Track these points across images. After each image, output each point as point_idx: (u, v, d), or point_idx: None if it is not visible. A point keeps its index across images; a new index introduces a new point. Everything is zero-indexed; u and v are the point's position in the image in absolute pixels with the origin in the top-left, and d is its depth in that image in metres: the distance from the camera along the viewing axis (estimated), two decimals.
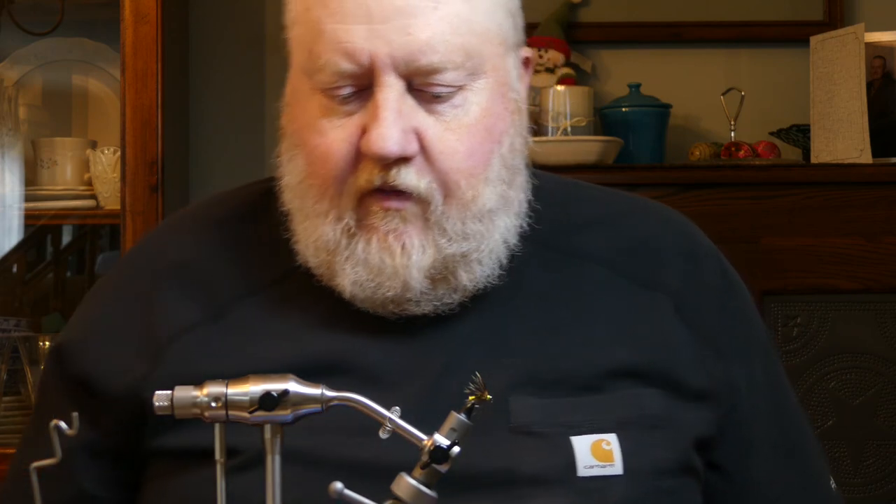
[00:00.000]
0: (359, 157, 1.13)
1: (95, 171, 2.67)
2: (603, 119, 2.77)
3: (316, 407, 0.96)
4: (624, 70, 2.92)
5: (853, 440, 2.47)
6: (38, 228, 2.80)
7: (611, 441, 1.14)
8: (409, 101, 1.12)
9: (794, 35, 2.89)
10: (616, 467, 1.14)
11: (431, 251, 1.14)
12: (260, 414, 0.94)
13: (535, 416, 1.13)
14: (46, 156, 2.73)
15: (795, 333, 2.48)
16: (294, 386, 0.96)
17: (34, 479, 0.94)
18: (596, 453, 1.14)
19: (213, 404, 0.95)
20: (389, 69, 1.11)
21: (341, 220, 1.15)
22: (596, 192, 1.32)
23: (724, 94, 2.78)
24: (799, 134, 2.73)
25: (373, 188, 1.13)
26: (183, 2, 2.85)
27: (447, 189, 1.14)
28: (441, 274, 1.15)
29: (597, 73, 2.94)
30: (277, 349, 1.17)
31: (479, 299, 1.18)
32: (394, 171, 1.12)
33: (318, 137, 1.14)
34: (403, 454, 1.02)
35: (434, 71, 1.11)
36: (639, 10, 2.94)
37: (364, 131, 1.12)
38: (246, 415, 0.95)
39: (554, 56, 2.85)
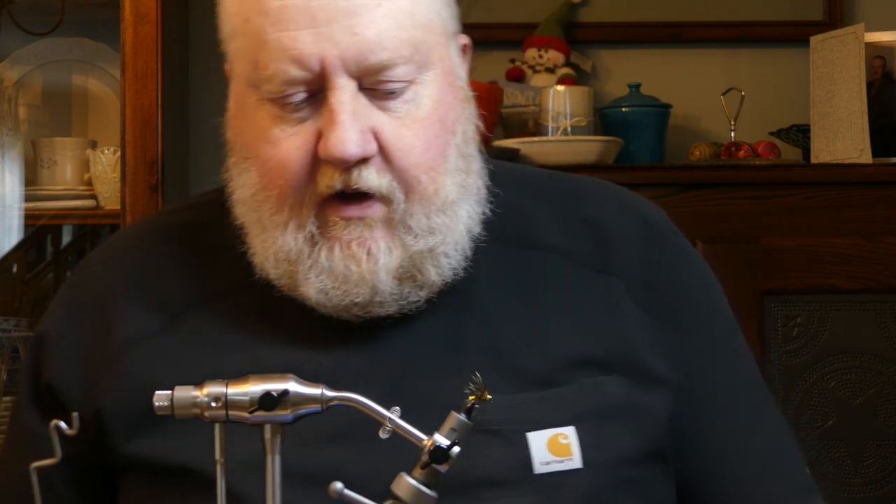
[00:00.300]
0: (316, 163, 1.12)
1: (95, 171, 2.67)
2: (603, 119, 2.77)
3: (316, 407, 0.96)
4: (624, 70, 2.92)
5: (853, 440, 2.47)
6: (38, 228, 2.80)
7: (568, 434, 1.13)
8: (363, 101, 1.12)
9: (794, 35, 2.89)
10: (574, 461, 1.13)
11: (398, 251, 1.14)
12: (260, 414, 0.94)
13: (491, 414, 1.11)
14: (46, 156, 2.73)
15: (795, 333, 2.48)
16: (294, 386, 0.96)
17: (34, 478, 0.93)
18: (552, 448, 1.13)
19: (213, 404, 0.95)
20: (340, 71, 1.10)
21: (302, 228, 1.14)
22: (545, 180, 1.31)
23: (724, 94, 2.78)
24: (799, 134, 2.73)
25: (333, 193, 1.12)
26: (183, 2, 2.85)
27: (408, 186, 1.13)
28: (408, 272, 1.14)
29: (597, 73, 2.94)
30: (232, 360, 1.16)
31: (425, 311, 1.17)
32: (354, 174, 1.11)
33: (271, 148, 1.13)
34: (364, 466, 1.03)
35: (384, 67, 1.11)
36: (639, 10, 2.94)
37: (320, 136, 1.11)
38: (246, 415, 0.95)
39: (554, 56, 2.85)
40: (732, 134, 2.77)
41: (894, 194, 2.48)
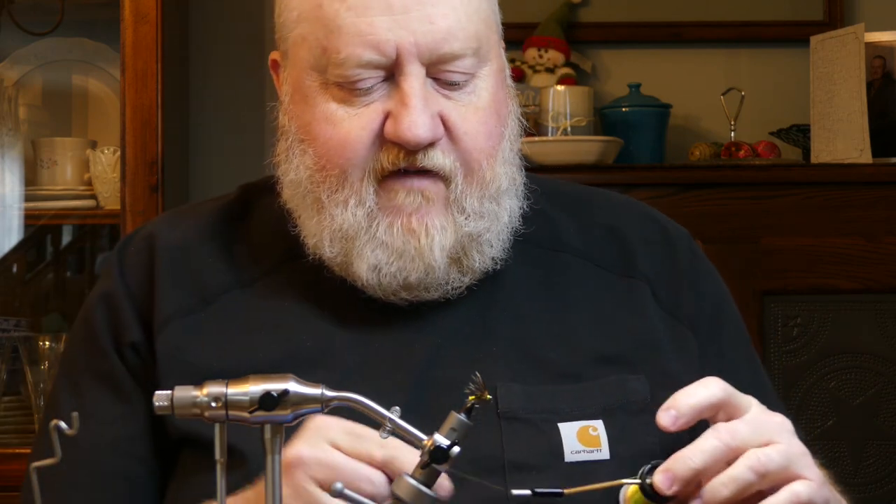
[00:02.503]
0: (380, 142, 1.16)
1: (95, 171, 2.67)
2: (603, 119, 2.77)
3: (316, 407, 0.96)
4: (624, 70, 2.92)
5: (853, 440, 2.47)
6: (38, 228, 2.80)
7: (597, 427, 1.16)
8: (431, 88, 1.16)
9: (794, 35, 2.89)
10: (603, 452, 1.16)
11: (451, 230, 1.17)
12: (260, 414, 0.94)
13: (522, 402, 1.15)
14: (46, 156, 2.73)
15: (795, 333, 2.48)
16: (294, 386, 0.95)
17: (34, 478, 0.93)
18: (583, 439, 1.16)
19: (213, 404, 0.94)
20: (414, 58, 1.14)
21: (362, 204, 1.17)
22: (569, 189, 1.34)
23: (724, 94, 2.78)
24: (799, 134, 2.73)
25: (396, 170, 1.16)
26: (183, 2, 2.85)
27: (468, 168, 1.17)
28: (456, 255, 1.17)
29: (597, 73, 2.94)
30: (265, 340, 1.18)
31: (463, 298, 1.20)
32: (420, 155, 1.15)
33: (333, 128, 1.16)
34: None
35: (455, 58, 1.15)
36: (639, 10, 2.94)
37: (385, 117, 1.15)
38: (246, 415, 0.95)
39: (554, 56, 2.85)
40: (732, 134, 2.77)
41: (894, 194, 2.48)
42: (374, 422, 0.97)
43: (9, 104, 2.79)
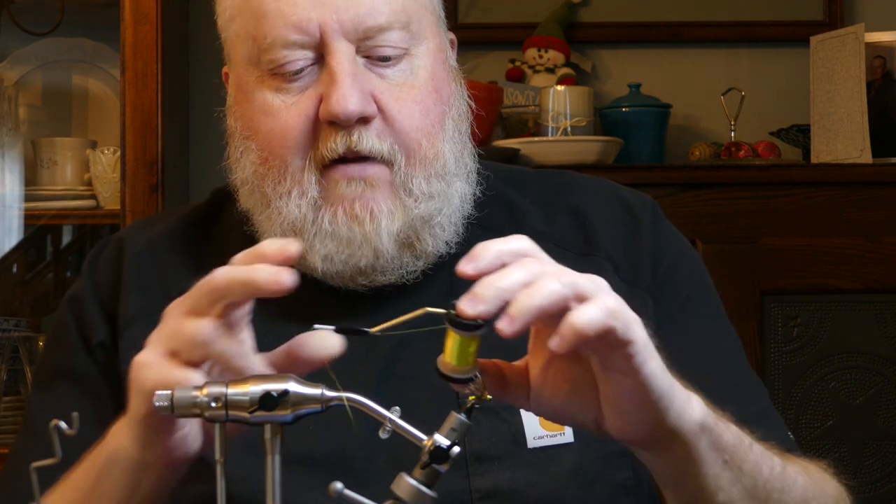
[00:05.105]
0: (317, 129, 1.16)
1: (95, 171, 2.67)
2: (603, 119, 2.77)
3: (316, 407, 0.96)
4: (624, 70, 2.92)
5: (853, 440, 2.47)
6: (38, 228, 2.80)
7: None
8: (361, 66, 1.16)
9: (794, 35, 2.89)
10: (567, 435, 1.16)
11: (399, 214, 1.17)
12: (260, 414, 0.94)
13: None
14: (46, 156, 2.73)
15: (795, 333, 2.48)
16: (294, 386, 0.95)
17: (34, 478, 0.93)
18: (545, 423, 1.15)
19: (213, 404, 0.95)
20: (339, 35, 1.15)
21: (305, 195, 1.17)
22: (529, 174, 1.34)
23: (724, 94, 2.78)
24: (799, 134, 2.73)
25: (335, 157, 1.16)
26: (183, 2, 2.85)
27: (409, 150, 1.17)
28: (408, 239, 1.17)
29: (597, 73, 2.94)
30: None
31: (422, 283, 1.20)
32: (356, 136, 1.15)
33: (272, 120, 1.17)
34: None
35: (381, 30, 1.16)
36: (639, 10, 2.94)
37: (321, 102, 1.15)
38: (246, 415, 0.95)
39: (554, 56, 2.85)
40: (732, 134, 2.77)
41: (894, 194, 2.48)
42: (374, 421, 0.97)
43: (9, 104, 2.79)
